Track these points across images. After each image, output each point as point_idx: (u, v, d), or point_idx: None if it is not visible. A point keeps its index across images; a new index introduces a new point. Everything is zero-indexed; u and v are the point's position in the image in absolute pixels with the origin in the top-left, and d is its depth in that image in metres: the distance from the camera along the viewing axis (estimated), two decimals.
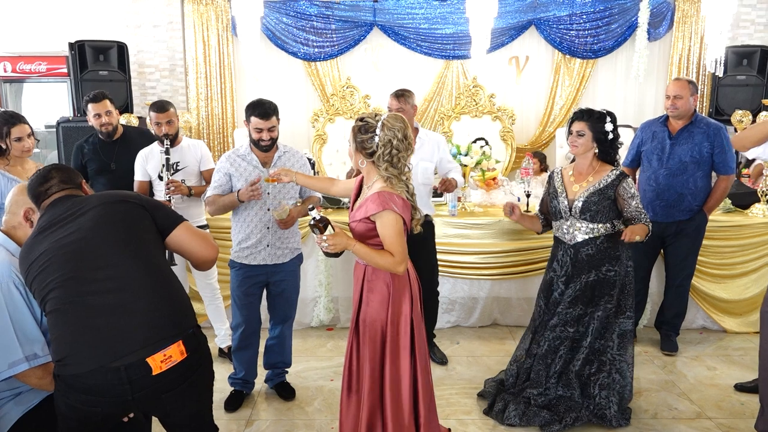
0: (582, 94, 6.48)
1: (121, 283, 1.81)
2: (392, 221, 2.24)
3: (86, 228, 1.87)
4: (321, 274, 4.15)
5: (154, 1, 6.29)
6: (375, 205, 2.23)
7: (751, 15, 6.30)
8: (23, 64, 6.09)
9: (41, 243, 1.87)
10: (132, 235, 1.90)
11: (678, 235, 3.71)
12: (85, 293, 1.79)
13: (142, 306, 1.80)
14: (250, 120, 2.96)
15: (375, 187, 2.30)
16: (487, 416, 3.08)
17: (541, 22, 6.37)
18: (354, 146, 2.33)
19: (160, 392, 1.81)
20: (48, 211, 1.96)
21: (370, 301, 2.39)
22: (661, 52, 6.49)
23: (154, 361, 1.75)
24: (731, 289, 4.14)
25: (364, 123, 2.29)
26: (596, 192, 2.89)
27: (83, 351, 1.74)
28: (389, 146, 2.26)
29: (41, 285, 1.82)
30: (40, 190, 2.00)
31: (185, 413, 1.92)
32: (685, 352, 3.88)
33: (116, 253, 1.85)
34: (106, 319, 1.77)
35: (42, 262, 1.83)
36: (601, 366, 2.95)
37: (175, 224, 2.01)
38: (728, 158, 3.63)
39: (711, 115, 5.71)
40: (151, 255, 1.91)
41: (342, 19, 6.33)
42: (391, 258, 2.25)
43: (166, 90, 6.46)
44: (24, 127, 3.21)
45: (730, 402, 3.24)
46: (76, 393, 1.76)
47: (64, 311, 1.78)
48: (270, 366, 3.34)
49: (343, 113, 6.15)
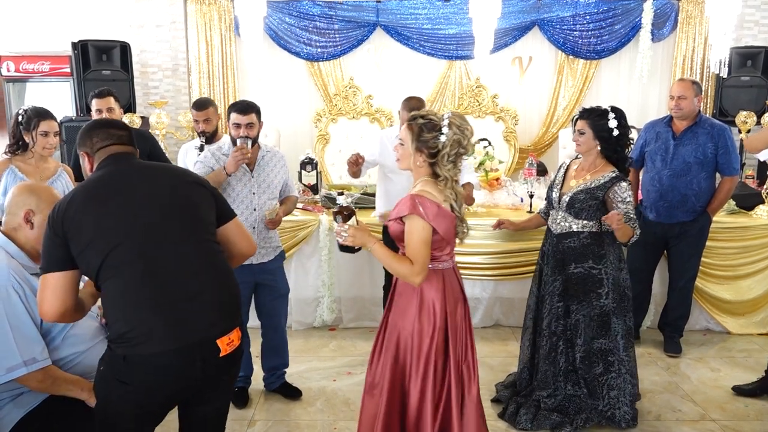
0: (585, 95, 6.46)
1: (192, 264, 1.83)
2: (417, 228, 2.10)
3: (165, 204, 1.86)
4: (324, 274, 4.14)
5: (157, 1, 6.29)
6: (406, 207, 2.12)
7: (755, 16, 6.28)
8: (26, 64, 6.09)
9: (108, 199, 1.79)
10: (202, 221, 1.91)
11: (681, 237, 3.70)
12: (160, 271, 1.77)
13: (210, 289, 1.83)
14: (230, 117, 3.00)
15: (415, 190, 2.19)
16: (501, 419, 3.07)
17: (544, 23, 6.35)
18: (414, 146, 2.16)
19: (222, 374, 1.86)
20: (113, 163, 1.89)
21: (397, 305, 2.27)
22: (665, 53, 6.47)
23: (222, 343, 1.79)
24: (735, 290, 4.13)
25: (428, 120, 2.15)
26: (585, 190, 2.89)
27: (158, 330, 1.72)
28: (457, 146, 2.14)
29: (105, 247, 1.73)
30: (112, 131, 1.94)
31: (222, 402, 1.98)
32: (689, 353, 3.87)
33: (189, 236, 1.86)
34: (180, 300, 1.77)
35: (111, 223, 1.76)
36: (609, 367, 2.93)
37: (231, 216, 2.05)
38: (732, 159, 3.62)
39: (715, 116, 5.68)
40: (214, 242, 1.94)
41: (345, 20, 6.32)
42: (409, 266, 2.11)
43: (168, 90, 6.46)
44: (53, 123, 3.24)
45: (733, 404, 3.23)
46: (143, 375, 1.72)
47: (137, 285, 1.74)
48: (270, 369, 3.32)
49: (345, 113, 6.15)
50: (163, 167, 2.07)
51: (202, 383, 1.82)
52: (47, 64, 6.10)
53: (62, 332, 2.05)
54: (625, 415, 2.92)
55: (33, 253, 2.07)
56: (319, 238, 4.10)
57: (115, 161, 1.90)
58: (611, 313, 2.93)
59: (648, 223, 3.75)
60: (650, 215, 3.74)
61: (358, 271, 4.20)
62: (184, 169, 2.16)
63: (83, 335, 2.10)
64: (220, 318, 1.83)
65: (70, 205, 1.77)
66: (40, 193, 2.13)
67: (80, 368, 2.07)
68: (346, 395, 3.34)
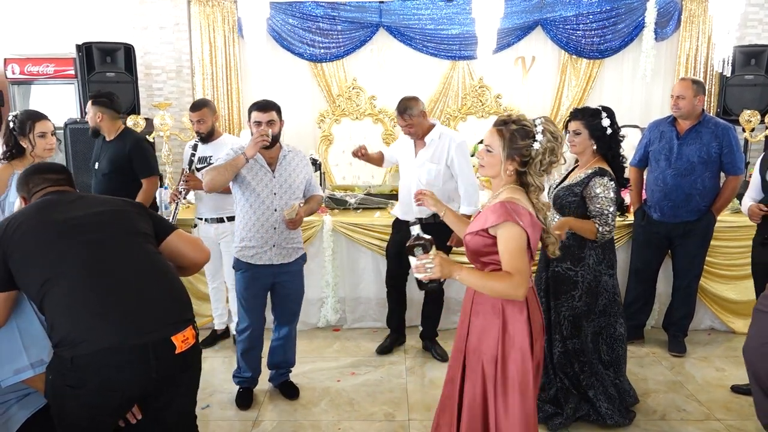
0: (589, 95, 6.44)
1: (135, 269, 1.87)
2: (515, 235, 1.91)
3: (102, 220, 1.93)
4: (328, 274, 4.15)
5: (161, 3, 6.30)
6: (496, 215, 1.93)
7: (759, 14, 6.25)
8: (31, 66, 6.11)
9: (48, 219, 1.88)
10: (138, 230, 1.97)
11: (686, 236, 3.69)
12: (103, 274, 1.81)
13: (156, 290, 1.87)
14: (251, 116, 2.99)
15: (500, 198, 2.02)
16: None
17: (547, 23, 6.34)
18: (506, 153, 2.00)
19: (180, 372, 1.87)
20: (51, 195, 1.99)
21: (476, 327, 2.07)
22: (668, 51, 6.45)
23: (176, 340, 1.81)
24: (739, 289, 4.11)
25: (522, 127, 2.00)
26: (566, 187, 2.92)
27: (104, 327, 1.74)
28: (550, 154, 2.00)
29: (46, 262, 1.80)
30: (48, 176, 2.04)
31: (184, 402, 1.98)
32: (694, 353, 3.86)
33: (127, 243, 1.92)
34: (126, 299, 1.80)
35: (51, 237, 1.84)
36: (582, 367, 2.98)
37: (171, 230, 2.10)
38: (737, 159, 3.61)
39: (719, 115, 5.66)
40: (152, 247, 1.99)
41: (348, 20, 6.32)
42: (508, 280, 1.90)
43: (173, 91, 6.47)
44: (48, 123, 3.25)
45: (738, 403, 3.22)
46: (93, 376, 1.72)
47: (79, 291, 1.78)
48: (274, 366, 3.34)
49: (349, 114, 6.15)
50: (96, 196, 2.20)
51: (158, 382, 1.82)
52: (52, 66, 6.11)
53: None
54: (608, 411, 2.93)
55: None
56: (323, 239, 4.11)
57: (50, 195, 2.00)
58: (582, 316, 2.95)
59: (652, 223, 3.75)
60: (654, 215, 3.74)
61: (361, 272, 4.21)
62: (118, 198, 2.17)
63: None
64: (172, 316, 1.86)
65: (10, 225, 1.85)
66: None
67: None
68: (350, 395, 3.35)
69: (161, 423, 1.94)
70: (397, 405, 3.25)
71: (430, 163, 3.51)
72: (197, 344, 1.93)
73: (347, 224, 4.12)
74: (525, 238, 1.92)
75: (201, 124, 3.71)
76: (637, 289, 3.90)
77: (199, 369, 2.01)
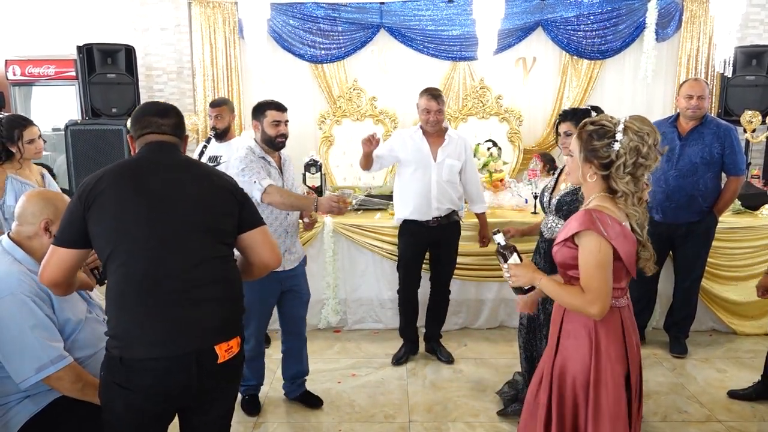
0: (589, 95, 6.43)
1: (198, 274, 1.79)
2: (594, 246, 1.76)
3: (185, 210, 1.82)
4: (329, 276, 4.15)
5: (162, 5, 6.31)
6: (578, 222, 1.79)
7: (760, 15, 6.25)
8: (32, 68, 6.13)
9: (129, 195, 1.78)
10: (218, 230, 1.87)
11: (687, 237, 3.69)
12: (163, 279, 1.74)
13: (213, 299, 1.81)
14: (266, 114, 2.93)
15: (590, 205, 1.87)
16: (500, 416, 3.10)
17: (548, 23, 6.34)
18: (582, 156, 1.87)
19: (220, 381, 1.85)
20: (151, 152, 1.88)
21: (565, 349, 1.91)
22: (669, 52, 6.44)
23: (220, 350, 1.79)
24: (741, 291, 4.11)
25: (599, 126, 1.84)
26: (570, 192, 2.86)
27: (152, 336, 1.72)
28: (635, 154, 1.80)
29: (117, 240, 1.74)
30: (153, 120, 1.91)
31: (223, 410, 1.96)
32: (695, 354, 3.86)
33: (201, 246, 1.82)
34: (182, 307, 1.76)
35: (129, 217, 1.76)
36: None
37: (258, 224, 1.97)
38: (738, 159, 3.61)
39: (720, 116, 5.65)
40: (226, 252, 1.90)
41: (348, 21, 6.33)
42: (580, 297, 1.77)
43: (173, 93, 6.48)
44: (34, 129, 3.27)
45: (740, 405, 3.21)
46: (139, 378, 1.71)
47: (136, 289, 1.73)
48: (291, 378, 3.28)
49: (349, 115, 6.15)
50: (195, 167, 1.97)
51: (199, 390, 1.80)
52: (53, 67, 6.13)
53: (71, 336, 2.05)
54: None
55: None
56: (323, 240, 4.10)
57: (149, 152, 1.89)
58: None
59: (653, 224, 3.69)
60: (656, 216, 3.72)
61: (362, 273, 4.20)
62: (217, 172, 2.02)
63: (90, 339, 2.11)
64: (221, 327, 1.82)
65: (100, 181, 1.78)
66: (56, 202, 2.11)
67: (88, 372, 2.07)
68: (350, 397, 3.35)
69: (200, 429, 1.93)
70: (397, 407, 3.25)
71: (452, 159, 3.52)
72: (241, 352, 1.89)
73: (348, 225, 4.12)
74: (609, 251, 1.77)
75: (219, 120, 3.87)
76: (639, 290, 3.89)
77: (240, 376, 1.99)
